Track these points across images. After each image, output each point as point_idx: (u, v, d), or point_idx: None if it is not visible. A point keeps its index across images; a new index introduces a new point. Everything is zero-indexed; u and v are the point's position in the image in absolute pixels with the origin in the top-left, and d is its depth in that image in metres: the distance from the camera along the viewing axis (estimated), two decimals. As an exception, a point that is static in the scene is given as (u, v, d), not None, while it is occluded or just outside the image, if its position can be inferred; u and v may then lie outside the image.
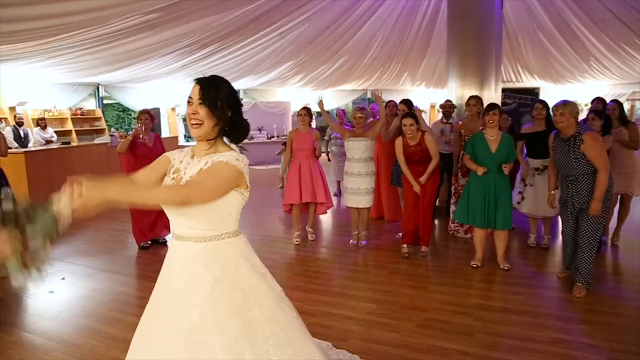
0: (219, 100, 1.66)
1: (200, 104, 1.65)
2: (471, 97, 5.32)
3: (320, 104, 5.29)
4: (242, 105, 1.78)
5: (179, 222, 1.71)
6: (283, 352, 1.67)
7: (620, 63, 10.81)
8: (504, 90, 9.54)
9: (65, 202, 1.32)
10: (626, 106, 11.39)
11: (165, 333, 1.63)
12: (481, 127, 5.02)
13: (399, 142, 4.68)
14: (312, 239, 5.46)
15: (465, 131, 5.24)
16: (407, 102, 5.40)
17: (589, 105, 6.96)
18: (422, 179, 4.57)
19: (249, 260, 1.76)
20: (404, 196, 4.92)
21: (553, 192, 4.11)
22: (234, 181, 1.67)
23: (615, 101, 5.03)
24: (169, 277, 1.74)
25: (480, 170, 4.24)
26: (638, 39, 9.25)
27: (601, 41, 9.75)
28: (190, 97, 1.68)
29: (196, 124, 1.66)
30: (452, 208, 5.56)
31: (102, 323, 3.35)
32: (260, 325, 1.66)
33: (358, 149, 4.95)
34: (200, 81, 1.67)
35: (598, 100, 5.39)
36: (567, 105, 3.71)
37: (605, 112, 4.80)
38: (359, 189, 4.97)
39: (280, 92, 14.33)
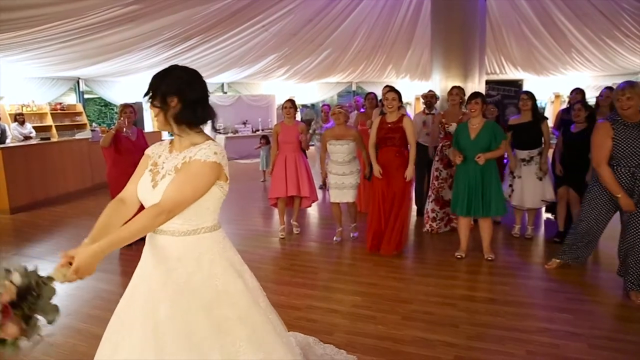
0: (157, 91, 1.63)
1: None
2: (454, 87, 5.27)
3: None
4: (197, 90, 1.65)
5: None
6: (254, 354, 1.64)
7: (601, 55, 10.98)
8: (487, 82, 9.61)
9: (62, 276, 1.41)
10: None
11: (135, 328, 1.60)
12: (461, 117, 5.02)
13: (376, 121, 4.61)
14: (297, 232, 5.44)
15: (446, 119, 5.17)
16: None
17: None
18: (408, 173, 4.42)
19: (225, 257, 1.72)
20: (372, 194, 4.73)
21: (623, 193, 3.36)
22: (214, 178, 1.64)
23: (609, 88, 4.97)
24: (142, 270, 1.70)
25: (457, 159, 4.24)
26: (618, 31, 9.41)
27: (583, 33, 9.88)
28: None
29: (155, 115, 1.67)
30: (431, 206, 5.34)
31: (84, 322, 3.28)
32: (231, 324, 1.63)
33: (341, 152, 4.82)
34: (155, 76, 1.67)
35: (577, 91, 5.42)
36: (635, 87, 3.22)
37: (587, 103, 4.81)
38: (343, 183, 4.92)
39: (265, 85, 14.23)
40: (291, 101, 5.33)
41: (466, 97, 5.19)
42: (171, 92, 1.62)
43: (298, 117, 5.75)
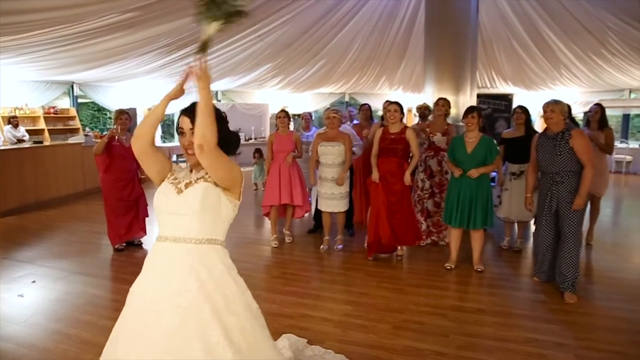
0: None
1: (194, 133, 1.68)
2: (440, 98, 5.31)
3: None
4: (227, 121, 1.83)
5: (170, 221, 1.73)
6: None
7: (588, 72, 11.19)
8: (478, 96, 9.73)
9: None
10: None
11: (144, 333, 1.62)
12: (445, 128, 5.10)
13: (378, 132, 4.67)
14: (289, 241, 5.46)
15: (431, 129, 5.21)
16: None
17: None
18: (406, 178, 4.49)
19: (231, 272, 1.79)
20: (370, 202, 4.78)
21: (530, 194, 4.15)
22: (236, 174, 1.74)
23: (598, 104, 5.14)
24: (152, 277, 1.73)
25: (456, 172, 4.29)
26: (604, 49, 9.62)
27: (571, 50, 10.10)
28: (181, 128, 1.75)
29: (194, 153, 1.68)
30: (417, 217, 5.19)
31: (74, 327, 3.27)
32: (234, 333, 1.68)
33: (331, 154, 4.89)
34: (186, 112, 1.73)
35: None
36: (557, 103, 3.79)
37: (571, 116, 4.92)
38: (332, 193, 4.96)
39: (259, 94, 14.28)
40: (284, 111, 5.40)
41: (452, 109, 5.31)
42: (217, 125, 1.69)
43: (292, 126, 5.75)
